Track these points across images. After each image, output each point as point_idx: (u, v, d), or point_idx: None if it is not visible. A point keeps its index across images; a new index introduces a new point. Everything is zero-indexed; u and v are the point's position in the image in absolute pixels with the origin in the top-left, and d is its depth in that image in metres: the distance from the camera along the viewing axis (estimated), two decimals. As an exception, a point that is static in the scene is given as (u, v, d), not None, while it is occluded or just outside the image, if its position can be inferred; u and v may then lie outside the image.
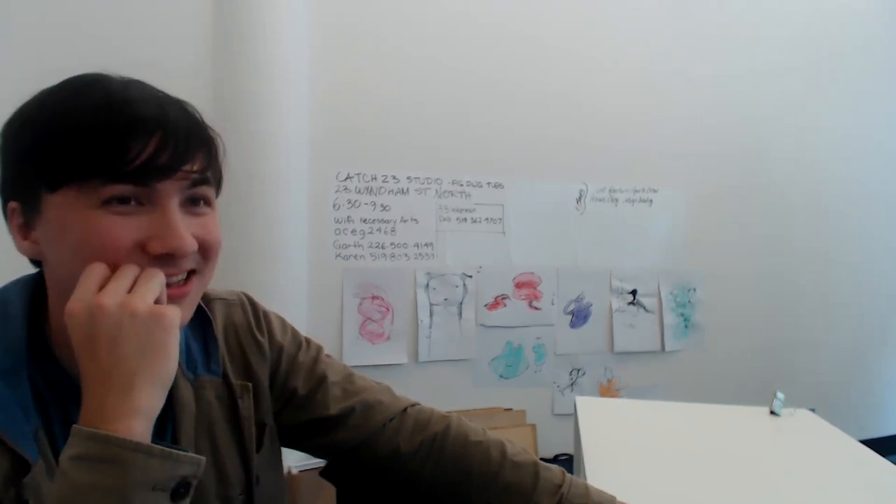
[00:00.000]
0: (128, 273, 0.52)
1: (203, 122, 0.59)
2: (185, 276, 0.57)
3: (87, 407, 0.49)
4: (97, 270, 0.52)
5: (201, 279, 0.59)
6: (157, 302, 0.52)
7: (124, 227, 0.53)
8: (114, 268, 0.52)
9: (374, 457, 0.78)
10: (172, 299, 0.55)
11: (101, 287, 0.51)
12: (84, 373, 0.50)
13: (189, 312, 0.58)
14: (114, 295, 0.50)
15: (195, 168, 0.56)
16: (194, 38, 1.87)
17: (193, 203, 0.57)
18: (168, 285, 0.54)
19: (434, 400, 0.85)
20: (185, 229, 0.54)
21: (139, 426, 0.48)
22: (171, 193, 0.54)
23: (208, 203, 0.59)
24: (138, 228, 0.53)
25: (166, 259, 0.54)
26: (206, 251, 0.58)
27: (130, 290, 0.51)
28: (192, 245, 0.55)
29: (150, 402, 0.50)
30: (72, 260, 0.53)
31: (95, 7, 1.77)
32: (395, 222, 2.19)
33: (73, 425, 0.48)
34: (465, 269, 2.29)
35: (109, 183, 0.51)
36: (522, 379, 2.39)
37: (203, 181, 0.57)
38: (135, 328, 0.50)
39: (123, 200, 0.52)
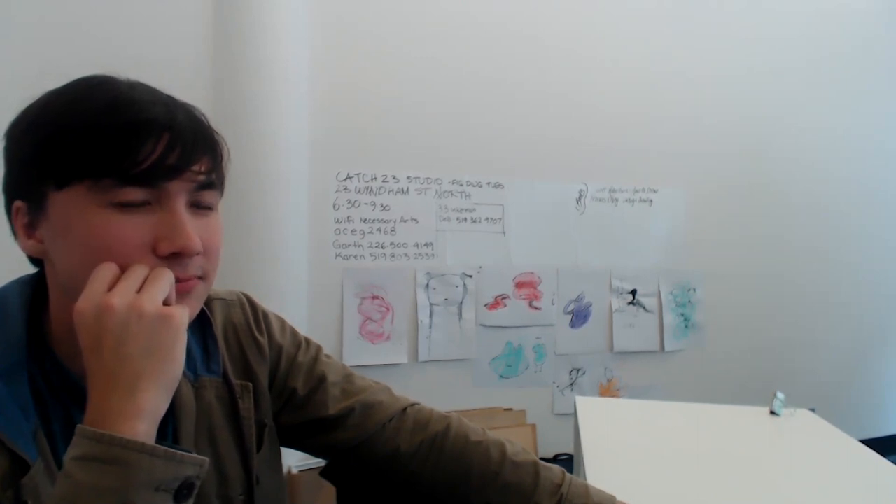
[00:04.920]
0: (137, 273, 0.52)
1: (209, 124, 0.59)
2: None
3: (92, 407, 0.49)
4: (107, 270, 0.52)
5: (206, 281, 0.59)
6: (165, 302, 0.52)
7: (132, 228, 0.53)
8: (122, 267, 0.53)
9: (373, 457, 0.78)
10: (179, 294, 0.55)
11: (111, 287, 0.51)
12: (89, 373, 0.50)
13: (195, 310, 0.58)
14: (123, 295, 0.50)
15: (202, 169, 0.56)
16: (194, 38, 1.87)
17: (198, 205, 0.58)
18: (175, 280, 0.55)
19: (434, 400, 0.85)
20: (192, 229, 0.55)
21: (143, 427, 0.48)
22: (179, 194, 0.55)
23: (212, 205, 0.59)
24: (146, 229, 0.54)
25: (173, 259, 0.54)
26: (207, 254, 0.58)
27: (140, 290, 0.51)
28: (199, 245, 0.55)
29: (154, 403, 0.50)
30: (78, 259, 0.53)
31: (95, 7, 1.77)
32: (395, 222, 2.19)
33: (78, 425, 0.48)
34: (465, 269, 2.29)
35: (119, 183, 0.52)
36: (522, 379, 2.39)
37: (209, 183, 0.58)
38: (142, 329, 0.50)
39: (132, 201, 0.53)
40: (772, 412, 1.34)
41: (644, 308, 2.55)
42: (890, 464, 1.08)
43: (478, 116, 2.26)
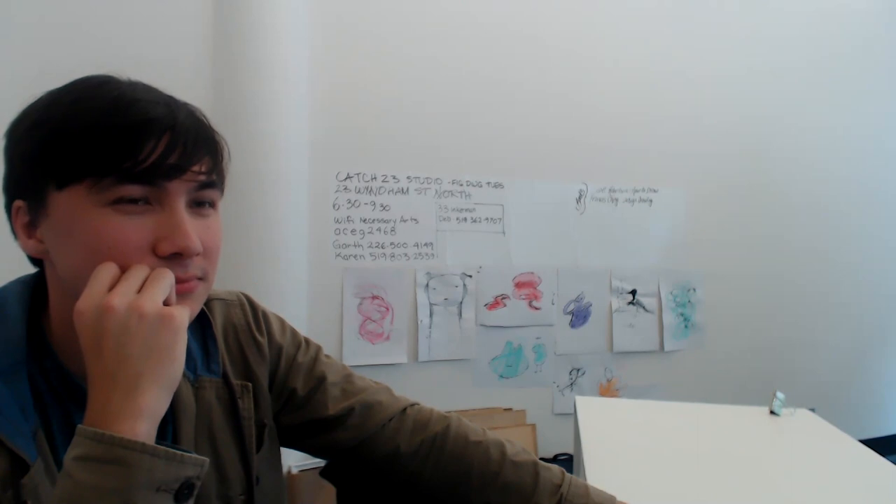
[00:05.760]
0: (138, 273, 0.52)
1: (209, 124, 0.60)
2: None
3: (92, 407, 0.49)
4: (107, 270, 0.52)
5: (205, 282, 0.59)
6: (166, 303, 0.52)
7: (132, 228, 0.53)
8: (122, 268, 0.53)
9: (373, 457, 0.78)
10: (180, 294, 0.55)
11: (112, 287, 0.51)
12: (90, 373, 0.50)
13: (195, 310, 0.58)
14: (123, 295, 0.50)
15: (203, 169, 0.56)
16: (194, 38, 1.87)
17: (199, 204, 0.58)
18: (176, 280, 0.55)
19: (434, 400, 0.85)
20: (192, 229, 0.55)
21: (143, 427, 0.48)
22: (179, 193, 0.55)
23: (213, 205, 0.59)
24: (146, 229, 0.54)
25: (174, 260, 0.54)
26: (207, 254, 0.58)
27: (140, 291, 0.51)
28: (199, 245, 0.55)
29: (155, 403, 0.50)
30: (78, 259, 0.53)
31: (95, 7, 1.77)
32: (395, 222, 2.19)
33: (78, 425, 0.48)
34: (465, 269, 2.29)
35: (120, 182, 0.52)
36: (522, 379, 2.39)
37: (209, 183, 0.58)
38: (142, 329, 0.50)
39: (132, 200, 0.53)
40: (772, 412, 1.34)
41: (644, 308, 2.55)
42: (890, 464, 1.08)
43: (478, 116, 2.26)
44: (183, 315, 0.52)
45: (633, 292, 2.53)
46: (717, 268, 2.63)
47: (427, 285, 2.24)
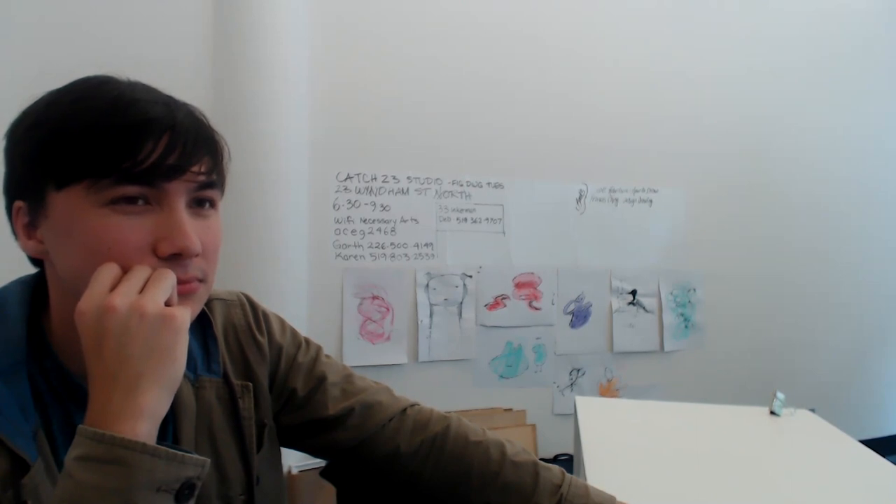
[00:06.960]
0: (139, 274, 0.52)
1: (209, 124, 0.59)
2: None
3: (93, 407, 0.49)
4: (109, 271, 0.52)
5: (206, 283, 0.59)
6: (167, 303, 0.52)
7: (132, 228, 0.53)
8: (123, 268, 0.53)
9: (373, 457, 0.78)
10: (180, 295, 0.55)
11: (113, 287, 0.51)
12: (91, 373, 0.50)
13: (196, 311, 0.58)
14: (125, 296, 0.50)
15: (202, 169, 0.56)
16: (194, 38, 1.87)
17: (199, 204, 0.58)
18: (177, 281, 0.54)
19: (434, 400, 0.85)
20: (192, 230, 0.55)
21: (144, 428, 0.48)
22: (179, 194, 0.55)
23: (213, 205, 0.59)
24: (146, 229, 0.53)
25: (174, 260, 0.54)
26: (206, 255, 0.58)
27: (142, 291, 0.51)
28: (199, 246, 0.55)
29: (155, 403, 0.50)
30: (78, 260, 0.53)
31: (95, 7, 1.77)
32: (395, 222, 2.19)
33: (79, 425, 0.48)
34: (465, 269, 2.29)
35: (119, 183, 0.52)
36: (522, 379, 2.39)
37: (209, 183, 0.58)
38: (143, 329, 0.50)
39: (131, 200, 0.53)
40: (772, 412, 1.34)
41: (644, 308, 2.55)
42: (890, 464, 1.08)
43: (478, 116, 2.26)
44: (184, 315, 0.52)
45: (633, 292, 2.53)
46: (717, 268, 2.63)
47: (427, 285, 2.24)
